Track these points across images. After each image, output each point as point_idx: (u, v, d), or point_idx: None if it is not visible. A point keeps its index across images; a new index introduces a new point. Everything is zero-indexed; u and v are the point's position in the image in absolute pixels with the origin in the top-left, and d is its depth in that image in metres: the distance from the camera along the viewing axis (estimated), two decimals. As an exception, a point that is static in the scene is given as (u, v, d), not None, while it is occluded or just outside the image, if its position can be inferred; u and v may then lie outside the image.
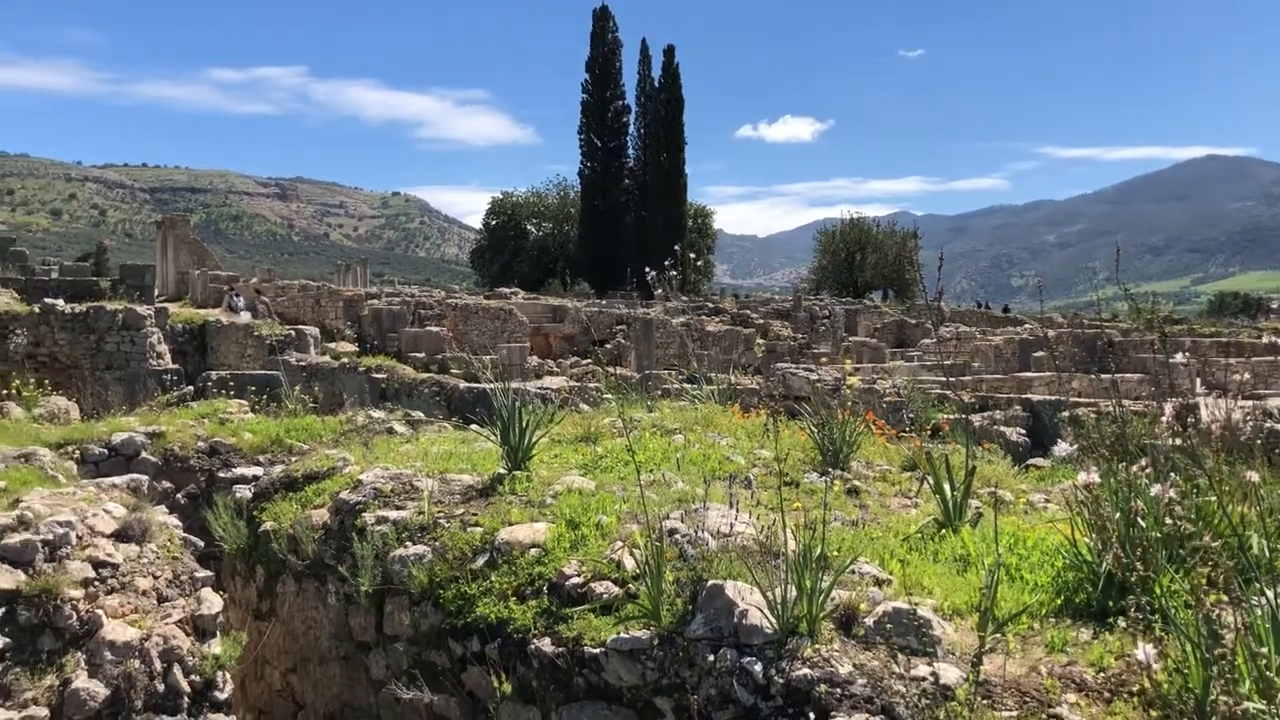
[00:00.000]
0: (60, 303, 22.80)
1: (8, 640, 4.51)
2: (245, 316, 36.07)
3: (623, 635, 4.23)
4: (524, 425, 6.42)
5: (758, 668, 3.87)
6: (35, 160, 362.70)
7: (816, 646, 3.89)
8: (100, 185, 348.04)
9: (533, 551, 5.05)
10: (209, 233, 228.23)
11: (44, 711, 4.37)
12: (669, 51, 68.38)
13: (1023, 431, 13.02)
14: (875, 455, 7.05)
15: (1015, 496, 6.06)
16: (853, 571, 4.38)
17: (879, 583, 4.36)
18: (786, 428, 7.12)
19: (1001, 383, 21.36)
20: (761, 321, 38.57)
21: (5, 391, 13.48)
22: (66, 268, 42.38)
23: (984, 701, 3.49)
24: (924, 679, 3.62)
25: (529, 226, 77.32)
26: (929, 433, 7.51)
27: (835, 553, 4.42)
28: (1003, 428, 12.87)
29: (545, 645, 4.47)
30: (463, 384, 16.26)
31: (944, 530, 5.07)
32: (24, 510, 5.16)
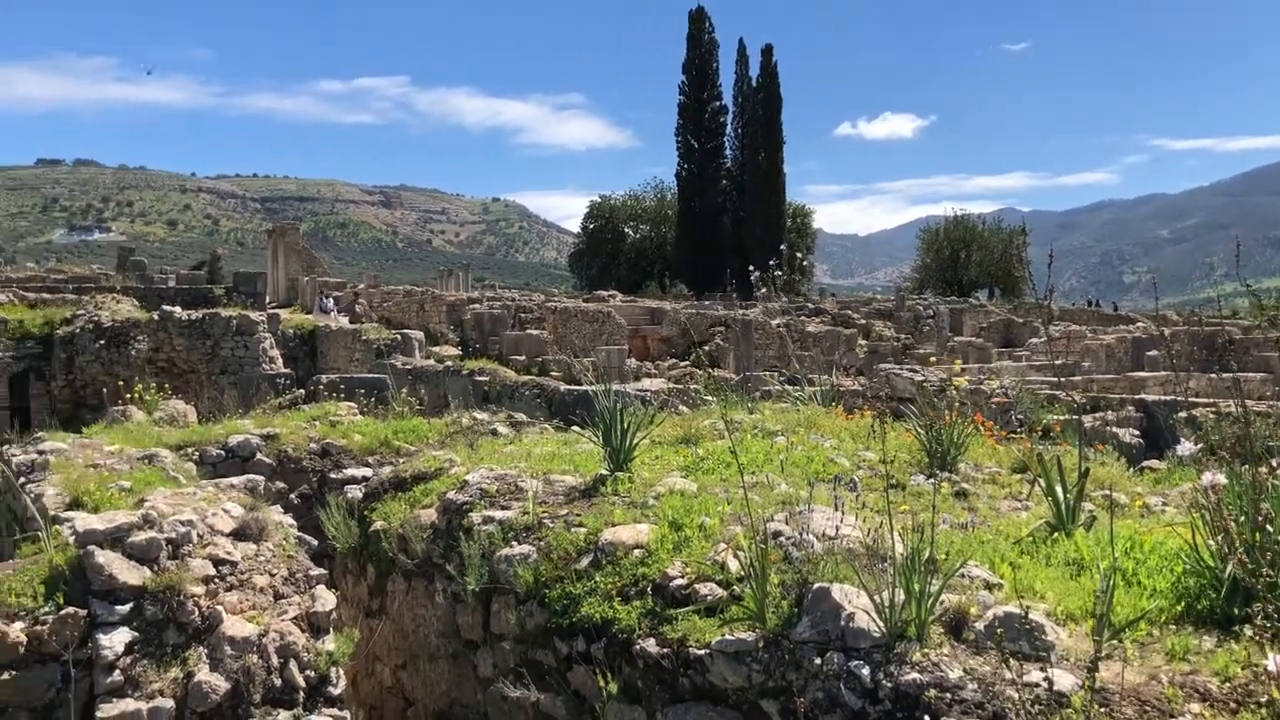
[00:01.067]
0: (178, 310, 23.67)
1: (135, 634, 4.69)
2: (334, 316, 37.07)
3: (728, 637, 4.22)
4: (625, 427, 6.45)
5: (865, 671, 3.83)
6: (152, 173, 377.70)
7: (925, 651, 3.83)
8: (213, 195, 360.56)
9: (636, 552, 5.07)
10: (317, 240, 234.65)
11: (170, 703, 4.53)
12: (766, 50, 68.02)
13: (1136, 433, 12.61)
14: (984, 457, 6.91)
15: (1130, 499, 5.88)
16: (962, 575, 4.30)
17: (989, 587, 4.27)
18: (891, 429, 7.02)
19: (1114, 383, 20.74)
20: (863, 322, 38.13)
21: (128, 396, 14.05)
22: (183, 276, 44.01)
23: (1101, 710, 3.39)
24: (1037, 685, 3.53)
25: (627, 229, 77.65)
26: (1039, 434, 7.33)
27: (944, 556, 4.34)
28: (1115, 429, 12.48)
29: (650, 646, 4.48)
30: (563, 386, 16.41)
31: (1056, 534, 4.94)
32: (148, 510, 5.37)
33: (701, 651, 4.27)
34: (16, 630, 4.51)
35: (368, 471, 8.68)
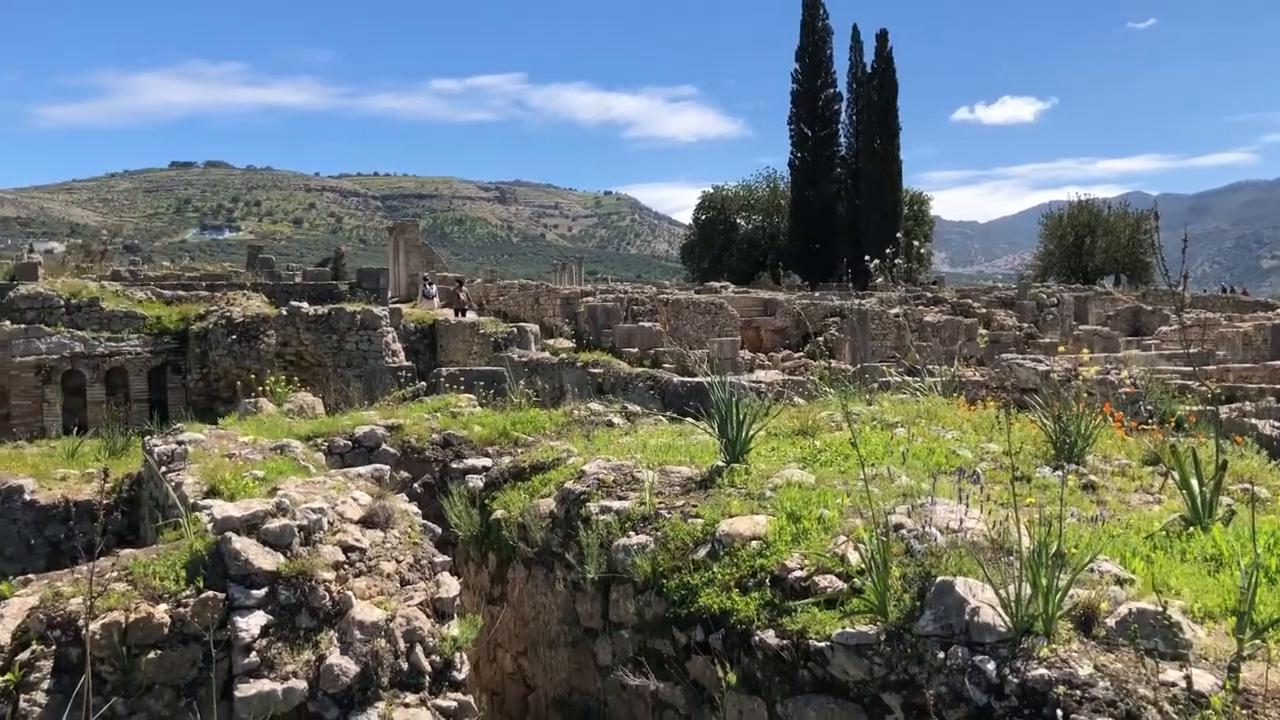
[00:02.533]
0: (305, 305, 24.48)
1: (270, 617, 4.88)
2: (435, 302, 37.89)
3: (848, 630, 4.19)
4: (741, 418, 6.43)
5: (990, 666, 3.75)
6: (279, 173, 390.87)
7: (1053, 646, 3.73)
8: (336, 194, 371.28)
9: (754, 544, 5.06)
10: (435, 236, 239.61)
11: (303, 684, 4.70)
12: (881, 36, 66.88)
13: (1278, 424, 12.02)
14: (1112, 449, 6.68)
15: (1273, 493, 5.62)
16: (1091, 570, 4.18)
17: (1120, 582, 4.14)
18: (1015, 421, 6.84)
19: (1251, 372, 19.80)
20: (984, 311, 37.23)
21: (259, 388, 14.59)
22: (308, 272, 45.47)
23: (1244, 712, 3.26)
24: (1174, 684, 3.42)
25: (739, 220, 77.31)
26: (1171, 425, 7.06)
27: (1072, 550, 4.22)
28: (1254, 420, 11.91)
29: (769, 637, 4.47)
30: (676, 378, 16.43)
31: (1192, 528, 4.76)
32: (281, 498, 5.57)
33: (822, 644, 4.24)
34: (161, 611, 4.73)
35: (487, 461, 8.86)
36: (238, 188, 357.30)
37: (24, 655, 4.59)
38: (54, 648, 4.63)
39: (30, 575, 5.40)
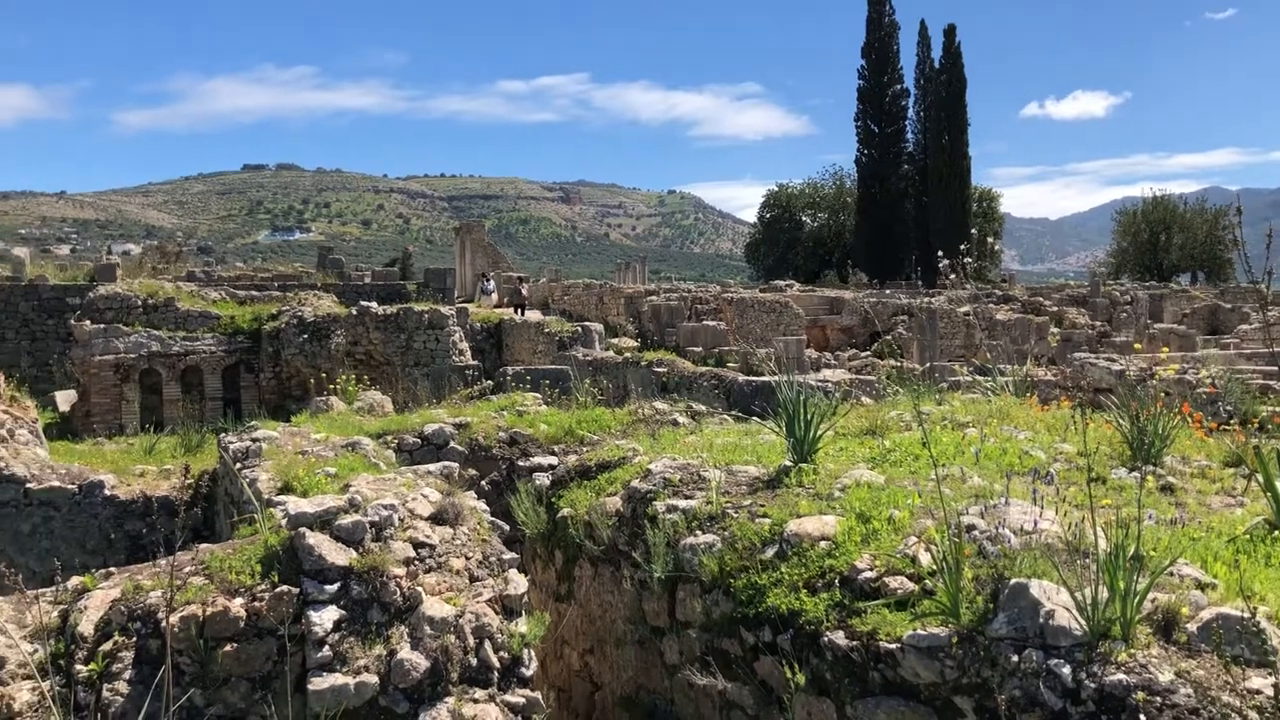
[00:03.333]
0: (374, 305, 24.83)
1: (343, 612, 4.95)
2: (493, 297, 38.34)
3: (920, 632, 4.13)
4: (808, 418, 6.38)
5: (1066, 670, 3.68)
6: (348, 174, 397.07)
7: (1131, 651, 3.65)
8: (404, 196, 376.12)
9: (823, 544, 5.02)
10: (500, 236, 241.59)
11: (374, 679, 4.76)
12: (949, 31, 66.07)
13: (1365, 425, 11.63)
14: (1191, 451, 6.52)
15: (1362, 497, 5.43)
16: (1171, 574, 4.08)
17: (1201, 586, 4.03)
18: (1090, 421, 6.71)
19: (1337, 372, 19.18)
20: (1055, 309, 36.58)
21: (330, 386, 14.84)
22: (377, 273, 46.11)
23: (1334, 722, 3.16)
24: (1259, 692, 3.32)
25: (804, 218, 76.91)
26: (1254, 426, 6.86)
27: (1150, 553, 4.12)
28: (1341, 421, 11.55)
29: (839, 638, 4.43)
30: (741, 377, 16.38)
31: (1277, 532, 4.63)
32: (353, 494, 5.65)
33: (892, 645, 4.19)
34: (237, 605, 4.82)
35: (553, 460, 8.91)
36: (308, 189, 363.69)
37: (106, 646, 4.72)
38: (135, 639, 4.75)
39: (111, 569, 5.54)
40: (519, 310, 36.45)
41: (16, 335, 30.27)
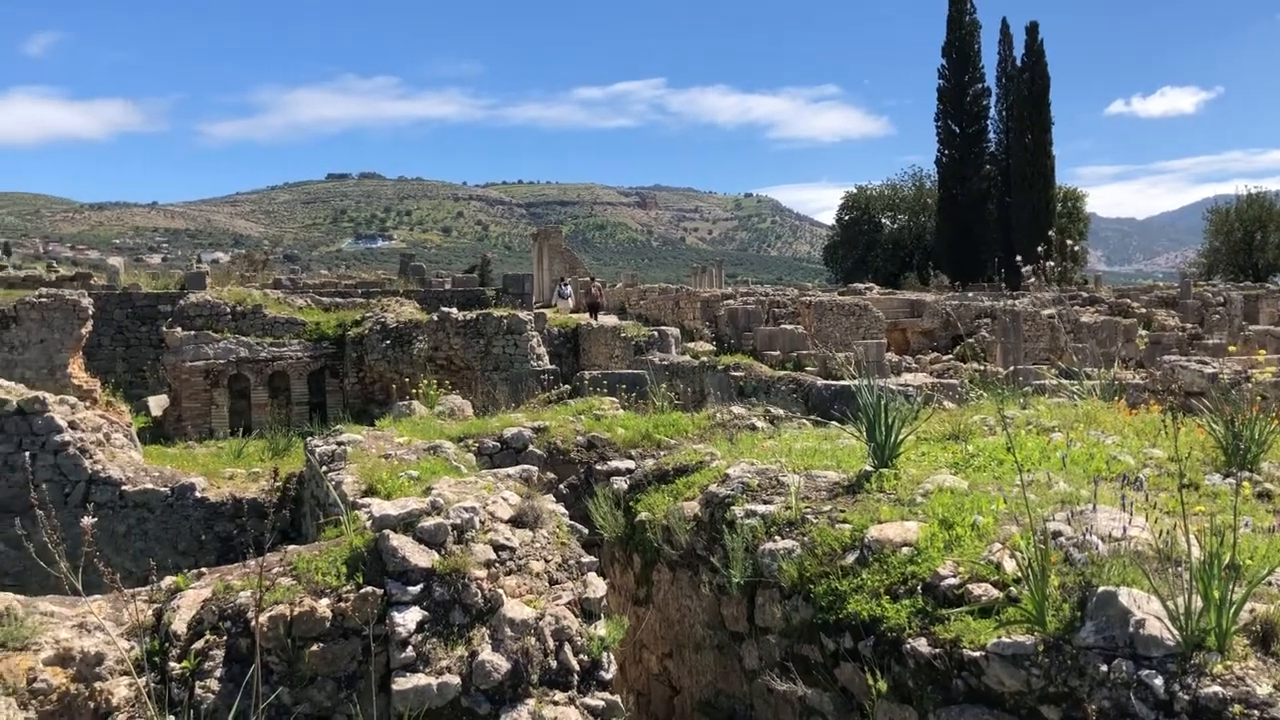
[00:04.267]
0: (454, 311, 25.14)
1: (425, 613, 5.02)
2: (570, 301, 38.62)
3: (1004, 639, 4.06)
4: (889, 422, 6.31)
5: (1158, 682, 3.58)
6: (428, 183, 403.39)
7: (1228, 663, 3.54)
8: (483, 203, 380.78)
9: (904, 550, 4.96)
10: (577, 242, 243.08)
11: (456, 679, 4.82)
12: (1031, 29, 64.81)
13: None
14: (1290, 456, 6.30)
15: None
16: (1269, 583, 3.95)
17: (1302, 597, 3.90)
18: (1181, 425, 6.52)
19: None
20: (1143, 311, 35.64)
21: (412, 391, 15.07)
22: (457, 279, 46.79)
23: None
24: (1365, 708, 3.20)
25: (883, 220, 76.12)
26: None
27: (1247, 561, 3.99)
28: None
29: (921, 645, 4.37)
30: (820, 381, 16.24)
31: (1382, 541, 4.44)
32: (435, 497, 5.73)
33: (976, 653, 4.12)
34: (323, 606, 4.92)
35: (631, 464, 8.93)
36: (390, 198, 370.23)
37: (198, 644, 4.85)
38: (225, 638, 4.87)
39: (203, 569, 5.70)
40: (593, 313, 36.79)
41: (111, 342, 31.25)
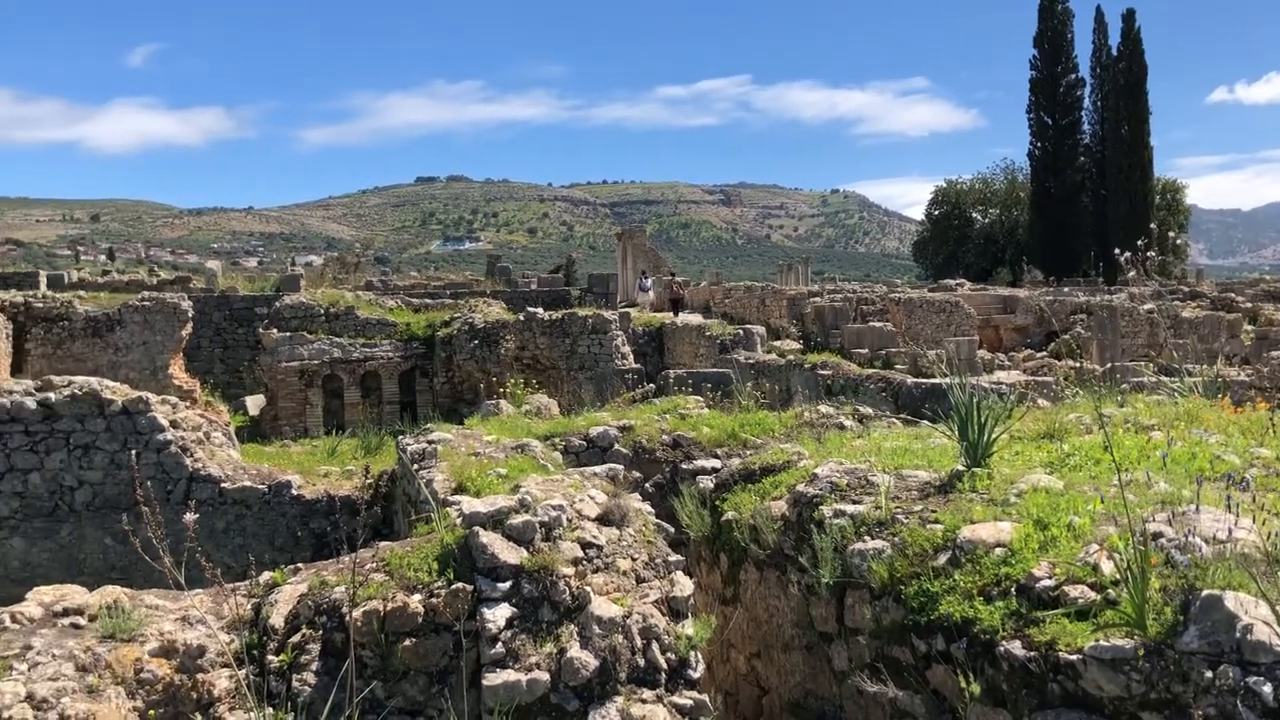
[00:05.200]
0: (540, 311, 25.39)
1: (514, 610, 5.07)
2: (651, 295, 38.73)
3: (1102, 643, 3.95)
4: (982, 420, 6.19)
5: (1267, 689, 3.45)
6: (514, 184, 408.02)
7: (1342, 671, 3.40)
8: (567, 203, 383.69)
9: (998, 551, 4.86)
10: (661, 241, 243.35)
11: (545, 676, 4.86)
12: (1128, 16, 62.99)
13: None
14: None
15: None
16: (1386, 588, 3.77)
17: None
18: (1290, 423, 6.28)
19: None
20: (1249, 305, 34.40)
21: (500, 390, 15.24)
22: (543, 279, 47.18)
23: None
24: None
25: (974, 214, 74.73)
26: None
27: (1363, 566, 3.83)
28: None
29: (1015, 648, 4.28)
30: (909, 379, 16.01)
31: None
32: (523, 495, 5.79)
33: (1073, 657, 4.02)
34: (415, 602, 5.00)
35: (716, 463, 8.90)
36: (477, 200, 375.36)
37: (295, 638, 4.97)
38: (321, 632, 4.99)
39: (299, 564, 5.85)
40: (675, 310, 36.97)
41: (210, 344, 32.21)
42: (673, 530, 6.65)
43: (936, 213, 76.46)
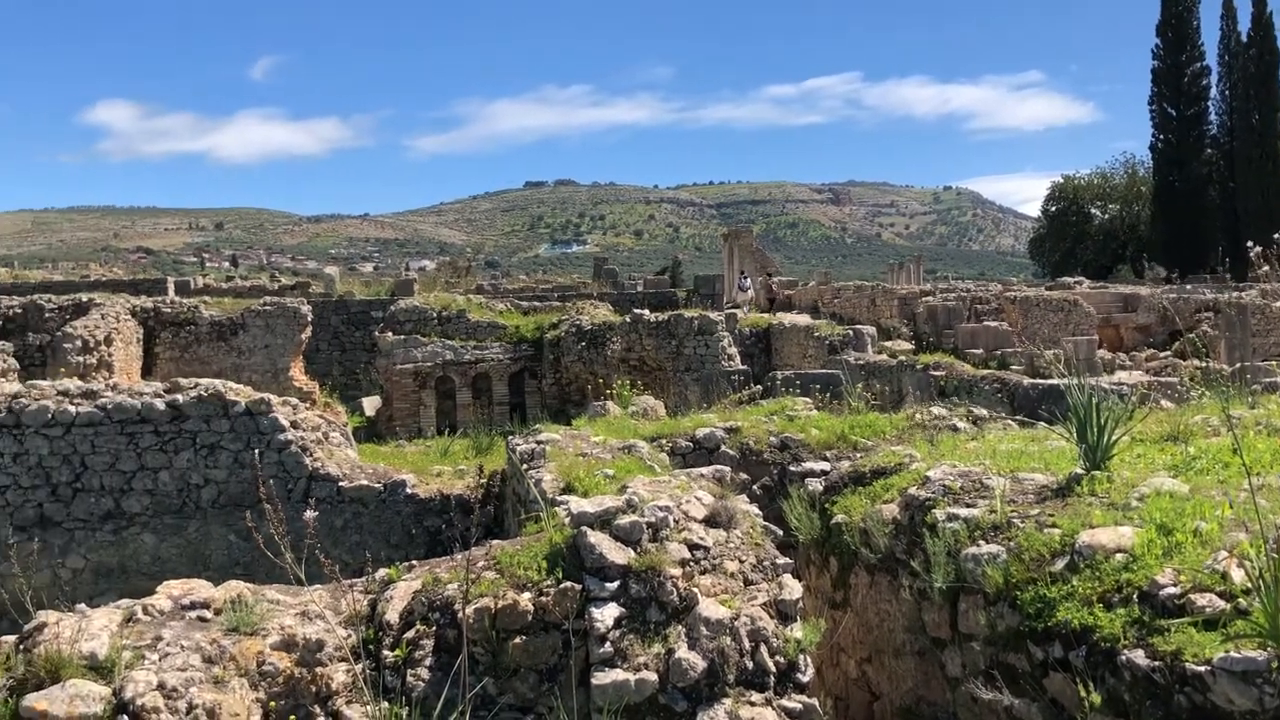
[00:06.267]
0: (646, 312, 25.50)
1: (622, 610, 5.10)
2: (750, 294, 38.72)
3: (1233, 654, 3.79)
4: (1102, 422, 6.00)
5: None
6: (620, 187, 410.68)
7: None
8: (673, 205, 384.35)
9: (1119, 557, 4.70)
10: (768, 241, 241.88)
11: (653, 676, 4.88)
12: (1258, 0, 60.22)
13: None
14: None
15: None
16: None
17: None
18: None
19: None
20: (1393, 301, 32.58)
21: (607, 391, 15.36)
22: (649, 281, 47.40)
23: None
24: None
25: (1093, 210, 72.43)
26: None
27: None
28: None
29: (1138, 658, 4.13)
30: (1026, 380, 15.59)
31: None
32: (630, 495, 5.82)
33: (1200, 668, 3.86)
34: (525, 600, 5.07)
35: (825, 465, 8.80)
36: (584, 203, 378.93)
37: (409, 634, 5.08)
38: (434, 628, 5.09)
39: (413, 561, 5.98)
40: (771, 308, 37.20)
41: (328, 346, 33.16)
42: (781, 533, 6.60)
43: (1053, 209, 74.37)
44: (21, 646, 4.71)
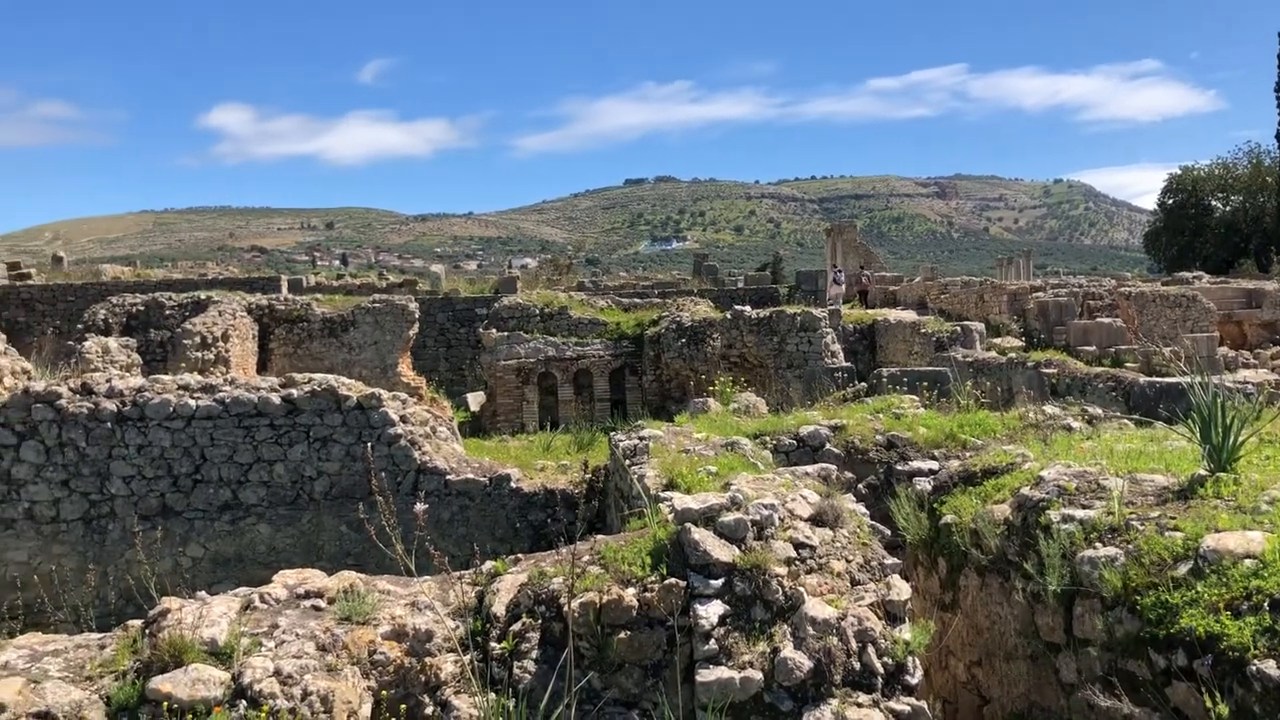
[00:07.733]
0: (747, 309, 25.34)
1: (727, 607, 5.07)
2: (842, 288, 38.49)
3: (1374, 668, 3.60)
4: (1227, 422, 5.76)
5: None
6: (721, 183, 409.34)
7: None
8: (774, 200, 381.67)
9: (1247, 562, 4.50)
10: (872, 236, 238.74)
11: (759, 674, 4.84)
12: (1394, -21, 57.21)
13: None
14: None
15: None
16: None
17: None
18: None
19: None
20: None
21: (708, 388, 15.30)
22: (750, 277, 47.10)
23: None
24: None
25: (1213, 202, 69.61)
26: None
27: None
28: None
29: (1269, 668, 3.95)
30: (1142, 378, 15.08)
31: None
32: (734, 493, 5.78)
33: (1338, 682, 3.67)
34: (630, 595, 5.08)
35: (934, 464, 8.63)
36: (684, 200, 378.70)
37: (516, 626, 5.14)
38: (540, 621, 5.14)
39: (519, 555, 6.04)
40: (862, 300, 37.11)
41: (435, 343, 33.79)
42: (888, 533, 6.49)
43: (1170, 201, 71.66)
44: (147, 631, 4.91)
